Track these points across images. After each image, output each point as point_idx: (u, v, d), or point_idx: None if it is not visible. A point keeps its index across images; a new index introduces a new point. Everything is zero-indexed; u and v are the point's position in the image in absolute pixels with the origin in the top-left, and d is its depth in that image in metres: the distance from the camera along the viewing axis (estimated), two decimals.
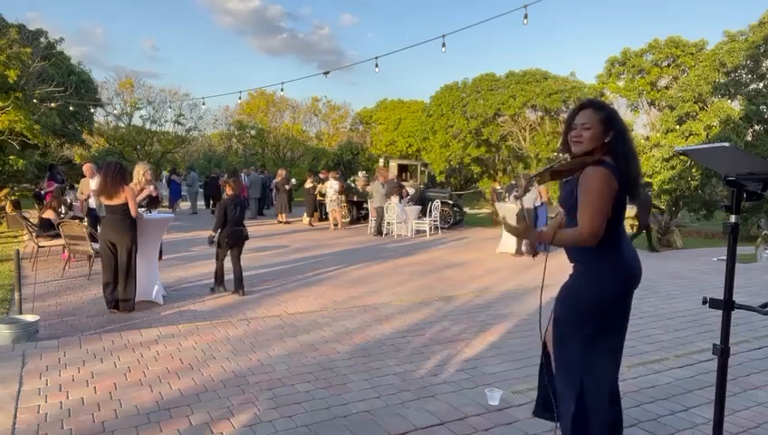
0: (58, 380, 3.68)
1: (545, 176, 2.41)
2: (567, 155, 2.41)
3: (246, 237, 6.93)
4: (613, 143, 2.28)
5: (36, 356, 4.11)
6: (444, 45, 9.93)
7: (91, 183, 9.25)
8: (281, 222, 16.26)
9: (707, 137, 13.32)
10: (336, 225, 15.32)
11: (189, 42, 70.28)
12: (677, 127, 14.23)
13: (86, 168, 9.93)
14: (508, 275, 8.51)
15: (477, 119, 21.07)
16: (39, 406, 3.27)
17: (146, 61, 66.08)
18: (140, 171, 6.95)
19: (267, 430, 3.00)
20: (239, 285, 6.73)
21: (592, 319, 2.35)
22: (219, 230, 6.72)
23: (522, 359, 4.23)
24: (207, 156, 33.42)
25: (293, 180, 16.46)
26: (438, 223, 14.87)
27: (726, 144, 2.00)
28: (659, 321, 5.46)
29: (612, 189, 2.21)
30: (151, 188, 6.77)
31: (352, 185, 17.54)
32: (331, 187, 15.41)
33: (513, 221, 11.18)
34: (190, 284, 7.32)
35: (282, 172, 17.04)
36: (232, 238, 6.71)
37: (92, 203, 9.41)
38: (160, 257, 7.04)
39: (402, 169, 18.27)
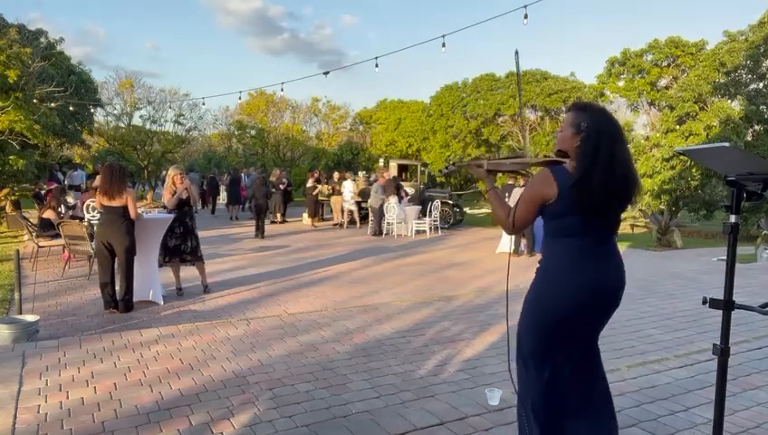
0: (58, 380, 3.68)
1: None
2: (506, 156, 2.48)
3: (266, 208, 13.39)
4: (580, 146, 2.15)
5: (36, 356, 4.11)
6: (444, 45, 9.94)
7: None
8: (274, 222, 16.26)
9: (707, 137, 13.30)
10: (354, 222, 15.77)
11: (190, 42, 70.33)
12: (677, 127, 14.21)
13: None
14: None
15: (477, 119, 21.08)
16: (39, 406, 3.27)
17: (146, 61, 66.15)
18: (171, 175, 6.66)
19: (267, 429, 3.00)
20: (261, 235, 12.52)
21: (539, 328, 2.31)
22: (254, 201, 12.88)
23: None
24: (207, 156, 33.38)
25: (284, 180, 16.42)
26: (438, 223, 14.88)
27: (726, 144, 1.99)
28: (659, 321, 5.46)
29: (539, 193, 2.17)
30: (182, 190, 6.54)
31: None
32: (346, 187, 15.74)
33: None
34: (190, 284, 7.32)
35: (277, 172, 17.06)
36: (254, 209, 12.87)
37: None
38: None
39: (402, 169, 18.28)
